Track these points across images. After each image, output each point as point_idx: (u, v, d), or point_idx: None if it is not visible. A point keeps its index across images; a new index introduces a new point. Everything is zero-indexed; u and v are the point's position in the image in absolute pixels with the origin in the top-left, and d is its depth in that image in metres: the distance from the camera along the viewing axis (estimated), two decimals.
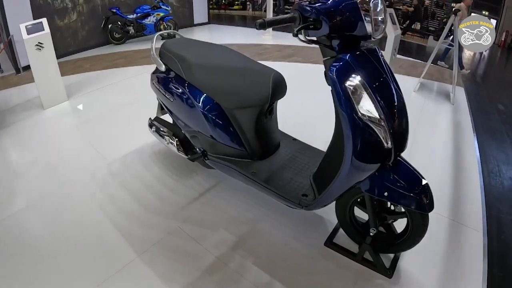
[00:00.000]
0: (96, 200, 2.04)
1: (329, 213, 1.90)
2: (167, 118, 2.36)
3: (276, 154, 1.90)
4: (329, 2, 1.24)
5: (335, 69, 1.26)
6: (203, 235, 1.78)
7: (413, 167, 1.44)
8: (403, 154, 1.45)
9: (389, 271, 1.57)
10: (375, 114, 1.26)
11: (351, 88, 1.26)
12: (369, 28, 1.23)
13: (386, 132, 1.28)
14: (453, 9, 4.07)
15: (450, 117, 3.75)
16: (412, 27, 11.16)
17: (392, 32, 4.80)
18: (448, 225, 1.93)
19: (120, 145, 2.63)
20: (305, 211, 1.69)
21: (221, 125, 1.78)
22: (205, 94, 1.79)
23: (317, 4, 1.24)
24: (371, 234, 1.56)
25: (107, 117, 3.13)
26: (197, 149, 1.96)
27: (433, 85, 4.90)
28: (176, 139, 2.03)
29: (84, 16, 5.29)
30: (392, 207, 1.60)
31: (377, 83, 1.30)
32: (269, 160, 1.85)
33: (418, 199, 1.35)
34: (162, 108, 2.36)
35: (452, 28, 4.22)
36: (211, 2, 9.10)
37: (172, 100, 1.92)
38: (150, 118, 2.32)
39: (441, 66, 6.12)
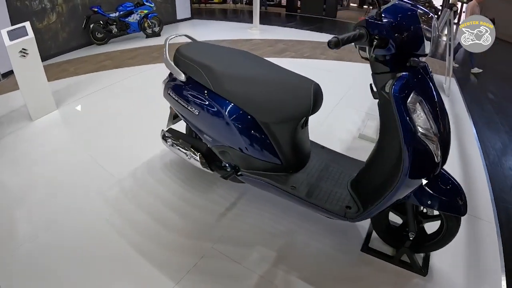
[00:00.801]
0: (114, 226, 1.83)
1: None
2: (178, 127, 2.23)
3: (309, 165, 1.82)
4: (396, 21, 1.19)
5: (397, 88, 1.23)
6: (241, 254, 1.68)
7: (448, 173, 1.48)
8: None
9: (423, 270, 1.63)
10: (432, 131, 1.28)
11: (413, 107, 1.25)
12: (428, 46, 1.23)
13: (438, 147, 1.31)
14: (449, 2, 4.14)
15: (448, 109, 3.80)
16: None
17: None
18: (463, 219, 1.95)
19: (126, 158, 2.44)
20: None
21: (257, 140, 1.65)
22: (238, 107, 1.64)
23: (385, 22, 1.19)
24: (410, 238, 1.59)
25: (105, 127, 2.91)
26: (227, 165, 1.82)
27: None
28: (199, 154, 1.88)
29: (64, 16, 4.93)
30: (425, 210, 1.64)
31: (430, 100, 1.31)
32: (305, 172, 1.76)
33: (456, 204, 1.42)
34: (174, 118, 2.21)
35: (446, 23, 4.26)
36: None
37: (197, 113, 1.73)
38: (163, 130, 2.15)
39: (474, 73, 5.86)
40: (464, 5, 7.22)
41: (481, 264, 1.72)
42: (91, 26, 5.10)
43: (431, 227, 1.63)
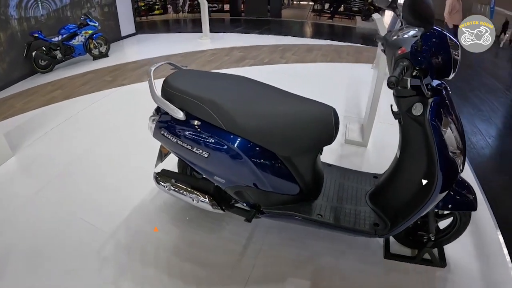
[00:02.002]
0: None
1: None
2: (166, 166, 2.06)
3: (325, 187, 1.79)
4: (438, 53, 1.28)
5: (434, 114, 1.31)
6: None
7: (461, 176, 1.56)
8: None
9: (442, 263, 1.78)
10: (460, 147, 1.37)
11: (444, 130, 1.32)
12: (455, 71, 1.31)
13: (464, 158, 1.40)
14: None
15: None
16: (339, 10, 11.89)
17: None
18: None
19: (111, 206, 2.16)
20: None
21: (279, 174, 1.57)
22: (256, 144, 1.52)
23: (427, 55, 1.25)
24: (432, 239, 1.67)
25: (76, 169, 2.59)
26: (244, 204, 1.70)
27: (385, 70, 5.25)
28: (207, 196, 1.73)
29: (2, 45, 4.33)
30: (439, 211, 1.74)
31: (455, 119, 1.38)
32: (324, 197, 1.74)
33: (470, 202, 1.55)
34: (162, 156, 2.00)
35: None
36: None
37: (206, 155, 1.56)
38: (154, 172, 1.92)
39: None
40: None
41: (485, 246, 1.94)
42: (33, 53, 4.55)
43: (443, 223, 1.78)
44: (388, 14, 12.23)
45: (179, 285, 1.65)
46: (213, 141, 1.54)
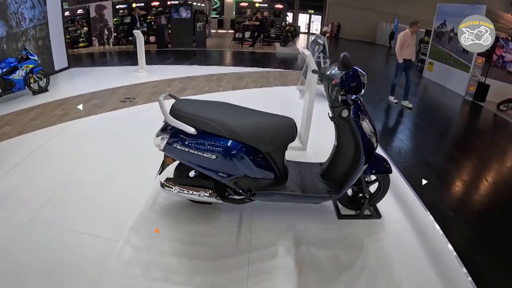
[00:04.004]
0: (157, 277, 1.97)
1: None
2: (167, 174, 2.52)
3: (289, 174, 2.53)
4: (355, 81, 2.18)
5: (355, 114, 2.21)
6: (272, 251, 2.26)
7: (377, 153, 2.46)
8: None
9: (378, 215, 2.65)
10: (372, 132, 2.29)
11: (362, 122, 2.22)
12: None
13: (376, 139, 2.30)
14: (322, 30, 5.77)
15: None
16: (259, 38, 13.29)
17: None
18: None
19: (113, 218, 2.48)
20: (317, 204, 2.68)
21: (264, 165, 2.26)
22: (248, 145, 2.17)
23: (349, 83, 2.18)
24: (367, 197, 2.54)
25: (65, 195, 2.75)
26: (240, 191, 2.32)
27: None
28: (210, 190, 2.30)
29: None
30: (367, 179, 2.59)
31: (368, 115, 2.31)
32: (291, 180, 2.48)
33: (387, 167, 2.48)
34: (165, 166, 2.46)
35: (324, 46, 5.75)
36: None
37: (214, 157, 2.14)
38: (161, 181, 2.38)
39: (391, 102, 6.42)
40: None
41: (403, 200, 2.96)
42: None
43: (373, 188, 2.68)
44: (302, 42, 14.17)
45: (200, 264, 2.12)
46: (218, 146, 2.16)
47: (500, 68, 7.50)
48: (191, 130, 2.16)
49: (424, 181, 3.35)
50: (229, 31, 21.36)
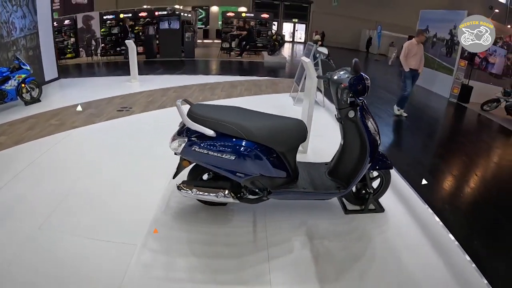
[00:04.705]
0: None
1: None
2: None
3: (300, 173, 2.63)
4: (361, 85, 2.33)
5: (360, 115, 2.39)
6: (287, 245, 2.35)
7: (380, 150, 2.60)
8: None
9: (381, 209, 2.78)
10: (376, 130, 2.45)
11: (368, 121, 2.38)
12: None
13: (379, 137, 2.46)
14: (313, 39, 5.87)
15: (329, 116, 5.39)
16: (247, 47, 13.49)
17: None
18: None
19: (127, 223, 2.48)
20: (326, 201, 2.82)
21: (278, 164, 2.35)
22: (265, 146, 2.26)
23: (356, 87, 2.35)
24: (371, 192, 2.67)
25: (73, 202, 2.72)
26: (256, 190, 2.38)
27: (301, 96, 6.50)
28: (227, 191, 2.36)
29: None
30: (370, 175, 2.72)
31: (371, 116, 2.47)
32: (301, 179, 2.58)
33: (388, 164, 2.60)
34: (181, 169, 2.48)
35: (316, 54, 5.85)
36: None
37: (233, 158, 2.21)
38: (177, 184, 2.43)
39: (400, 114, 6.16)
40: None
41: (403, 195, 3.12)
42: None
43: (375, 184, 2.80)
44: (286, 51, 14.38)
45: (222, 263, 2.16)
46: (237, 147, 2.23)
47: (483, 70, 7.90)
48: (210, 132, 2.23)
49: (424, 181, 3.53)
50: (215, 41, 21.62)
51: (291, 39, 27.13)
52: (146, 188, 2.98)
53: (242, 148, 2.23)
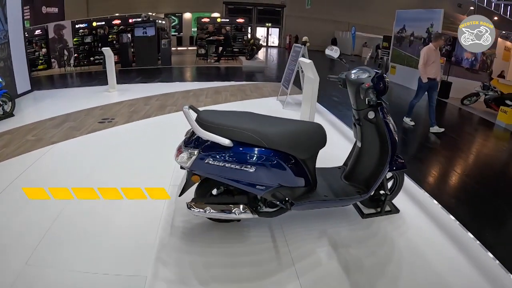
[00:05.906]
0: None
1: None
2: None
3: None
4: (384, 84, 2.28)
5: (382, 116, 2.28)
6: (312, 261, 2.18)
7: None
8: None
9: (397, 210, 2.69)
10: (395, 130, 2.35)
11: (389, 122, 2.29)
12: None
13: (398, 137, 2.37)
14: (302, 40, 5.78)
15: (322, 118, 5.32)
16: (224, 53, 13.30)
17: None
18: None
19: (129, 250, 2.17)
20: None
21: (300, 173, 2.16)
22: (286, 153, 2.07)
23: (377, 84, 2.27)
24: (388, 194, 2.57)
25: (60, 231, 2.36)
26: (277, 203, 2.14)
27: (289, 99, 6.44)
28: (244, 206, 2.13)
29: None
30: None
31: (389, 116, 2.36)
32: (319, 186, 2.39)
33: (404, 164, 2.53)
34: (189, 186, 2.22)
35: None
36: None
37: (253, 170, 1.97)
38: (187, 203, 2.17)
39: (407, 123, 5.68)
40: None
41: (416, 196, 3.01)
42: None
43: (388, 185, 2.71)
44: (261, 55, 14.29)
45: (248, 287, 1.94)
46: (258, 156, 2.01)
47: (460, 66, 8.15)
48: (227, 141, 1.96)
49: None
50: (189, 48, 21.26)
51: (265, 44, 27.24)
52: (144, 207, 2.67)
53: (264, 157, 2.02)
